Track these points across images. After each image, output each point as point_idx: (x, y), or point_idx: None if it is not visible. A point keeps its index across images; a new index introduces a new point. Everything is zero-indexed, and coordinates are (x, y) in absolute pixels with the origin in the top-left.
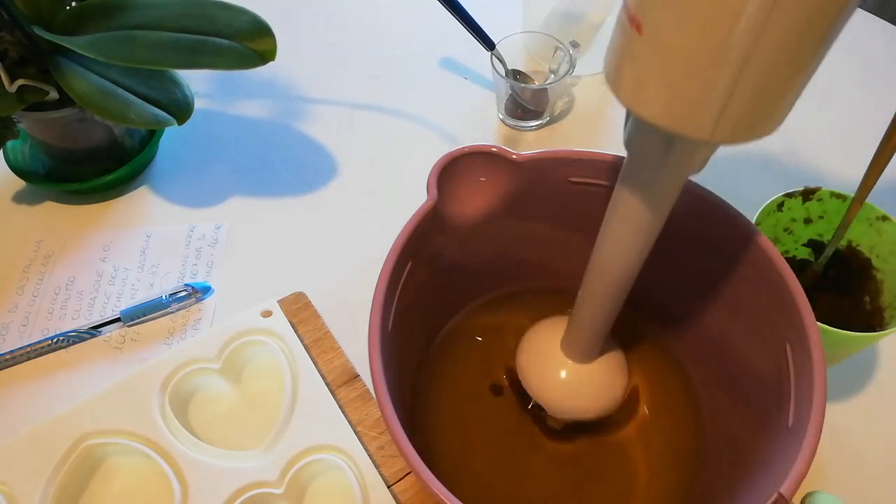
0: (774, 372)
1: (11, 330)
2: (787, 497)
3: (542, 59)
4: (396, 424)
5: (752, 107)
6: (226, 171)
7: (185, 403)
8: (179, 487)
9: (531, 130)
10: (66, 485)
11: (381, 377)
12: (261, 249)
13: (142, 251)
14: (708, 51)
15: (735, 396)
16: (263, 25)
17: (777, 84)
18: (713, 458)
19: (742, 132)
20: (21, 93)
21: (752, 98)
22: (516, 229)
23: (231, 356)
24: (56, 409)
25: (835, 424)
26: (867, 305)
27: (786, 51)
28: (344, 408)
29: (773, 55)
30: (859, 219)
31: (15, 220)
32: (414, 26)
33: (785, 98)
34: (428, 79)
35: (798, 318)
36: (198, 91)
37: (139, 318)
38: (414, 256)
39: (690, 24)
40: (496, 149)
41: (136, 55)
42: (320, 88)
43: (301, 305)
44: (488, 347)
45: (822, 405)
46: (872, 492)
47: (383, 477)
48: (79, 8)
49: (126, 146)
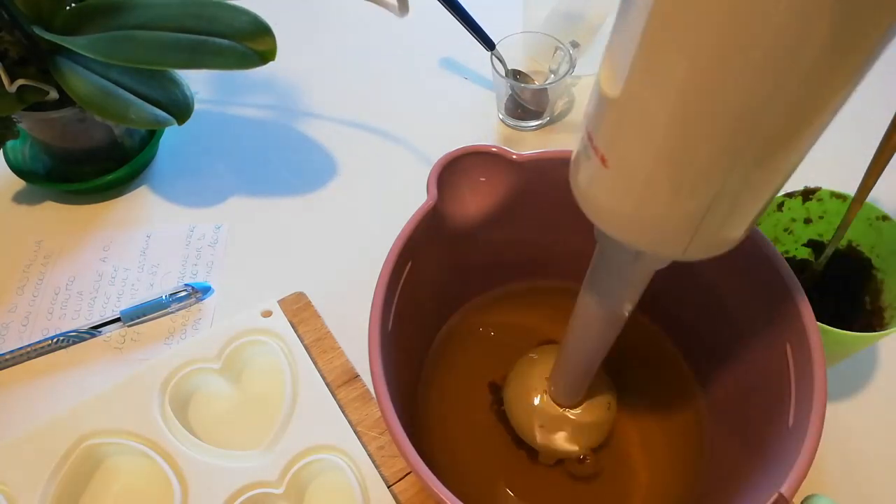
0: (774, 372)
1: (11, 330)
2: (787, 497)
3: (542, 59)
4: (396, 424)
5: (722, 229)
6: (226, 171)
7: (185, 403)
8: (179, 487)
9: (531, 130)
10: (66, 485)
11: (381, 377)
12: (261, 249)
13: (142, 251)
14: (676, 188)
15: (735, 396)
16: (263, 25)
17: (747, 208)
18: (713, 459)
19: (715, 248)
20: (21, 93)
21: (722, 223)
22: (516, 229)
23: (231, 356)
24: (56, 409)
25: (835, 424)
26: (867, 305)
27: (755, 185)
28: (344, 408)
29: (742, 189)
30: (859, 219)
31: (15, 220)
32: (414, 26)
33: (757, 213)
34: (428, 79)
35: (798, 318)
36: (198, 91)
37: (139, 318)
38: (414, 256)
39: (657, 163)
40: (496, 149)
41: (136, 55)
42: (320, 88)
43: (301, 305)
44: (488, 347)
45: (823, 405)
46: (873, 492)
47: (383, 477)
48: (79, 8)
49: (126, 146)
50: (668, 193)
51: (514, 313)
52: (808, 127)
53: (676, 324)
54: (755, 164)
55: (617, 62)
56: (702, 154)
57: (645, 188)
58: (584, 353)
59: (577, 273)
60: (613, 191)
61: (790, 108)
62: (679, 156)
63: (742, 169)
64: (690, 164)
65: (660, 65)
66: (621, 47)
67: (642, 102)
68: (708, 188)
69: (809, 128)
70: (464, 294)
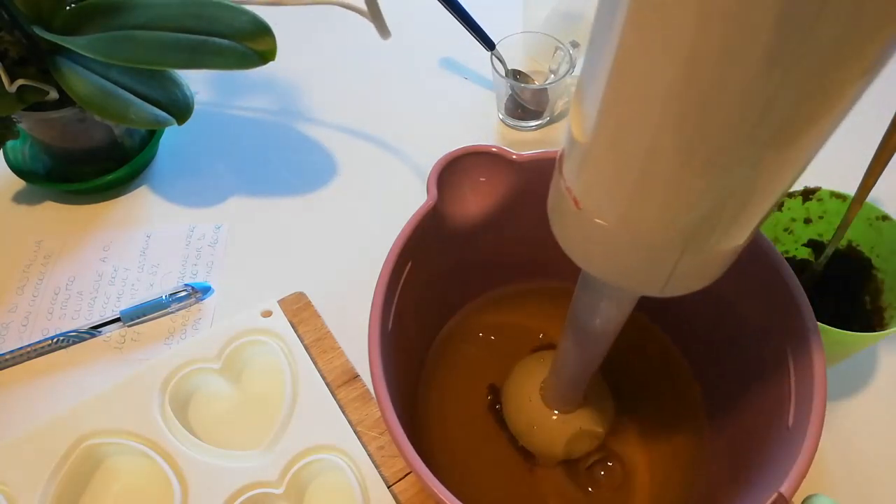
0: (774, 372)
1: (11, 330)
2: (787, 497)
3: (542, 59)
4: (396, 424)
5: (699, 271)
6: (226, 171)
7: (185, 403)
8: (179, 487)
9: (531, 130)
10: (66, 485)
11: (381, 377)
12: (261, 249)
13: (142, 251)
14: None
15: (735, 396)
16: (263, 25)
17: (721, 252)
18: (713, 459)
19: (693, 285)
20: (21, 93)
21: (697, 266)
22: (516, 229)
23: (231, 356)
24: (56, 409)
25: (835, 424)
26: (867, 305)
27: (728, 233)
28: (344, 408)
29: (714, 237)
30: (859, 219)
31: (15, 220)
32: (414, 26)
33: (732, 255)
34: (428, 79)
35: (798, 318)
36: (198, 91)
37: (139, 318)
38: (414, 256)
39: (629, 209)
40: (496, 149)
41: (136, 55)
42: (320, 88)
43: (301, 305)
44: (488, 347)
45: (822, 405)
46: (872, 491)
47: (383, 477)
48: (79, 8)
49: (126, 146)
50: (641, 238)
51: (514, 314)
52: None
53: (676, 324)
54: (730, 220)
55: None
56: (675, 203)
57: (617, 233)
58: (575, 365)
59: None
60: (587, 232)
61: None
62: (650, 203)
63: (715, 221)
64: (663, 211)
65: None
66: (588, 85)
67: (612, 143)
68: (681, 236)
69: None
70: (464, 294)
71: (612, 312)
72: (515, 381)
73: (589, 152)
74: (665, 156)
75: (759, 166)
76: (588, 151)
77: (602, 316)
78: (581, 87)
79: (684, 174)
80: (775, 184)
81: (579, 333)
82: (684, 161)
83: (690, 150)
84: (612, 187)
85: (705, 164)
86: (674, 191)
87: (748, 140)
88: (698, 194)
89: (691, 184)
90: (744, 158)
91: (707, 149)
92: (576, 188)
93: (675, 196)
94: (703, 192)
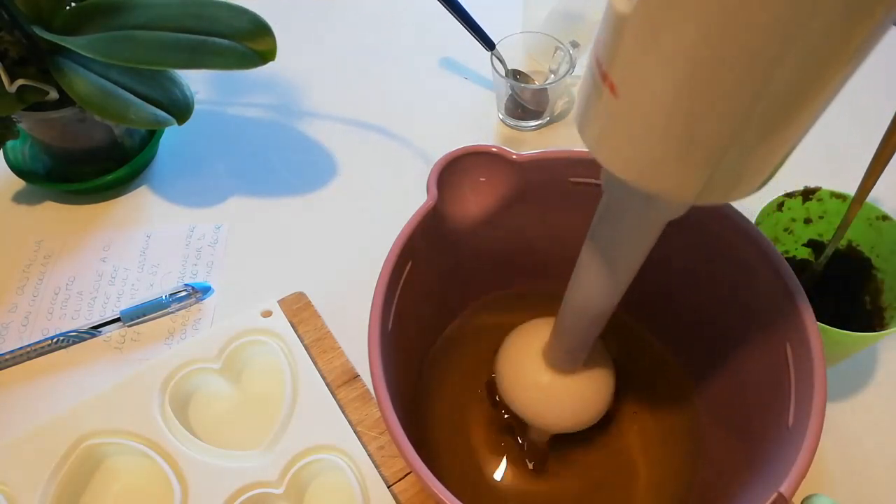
0: (774, 372)
1: (11, 330)
2: (787, 497)
3: (542, 59)
4: (396, 424)
5: (741, 172)
6: (226, 171)
7: (185, 403)
8: (179, 487)
9: (531, 130)
10: (66, 485)
11: (381, 377)
12: (261, 249)
13: (142, 251)
14: (696, 123)
15: (735, 396)
16: (263, 25)
17: (770, 150)
18: (713, 459)
19: (730, 194)
20: (21, 93)
21: (741, 165)
22: (516, 230)
23: (231, 356)
24: (56, 409)
25: (835, 424)
26: (867, 305)
27: (782, 120)
28: (344, 408)
29: (768, 125)
30: (859, 219)
31: (15, 220)
32: (414, 26)
33: (779, 159)
34: (428, 79)
35: (798, 318)
36: (198, 91)
37: (139, 318)
38: (414, 256)
39: (673, 89)
40: (496, 149)
41: (136, 55)
42: (320, 88)
43: (301, 305)
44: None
45: (822, 405)
46: (872, 491)
47: (383, 477)
48: (79, 8)
49: (126, 146)
50: (683, 124)
51: (514, 314)
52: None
53: (676, 324)
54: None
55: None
56: (724, 81)
57: (657, 123)
58: (586, 313)
59: None
60: (624, 124)
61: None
62: (698, 82)
63: (765, 104)
64: (710, 92)
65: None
66: None
67: (659, 15)
68: (728, 121)
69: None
70: (464, 294)
71: (634, 246)
72: (515, 336)
73: (631, 25)
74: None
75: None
76: (630, 24)
77: (621, 252)
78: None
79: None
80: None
81: (592, 275)
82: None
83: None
84: (657, 57)
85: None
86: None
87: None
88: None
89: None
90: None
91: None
92: (613, 71)
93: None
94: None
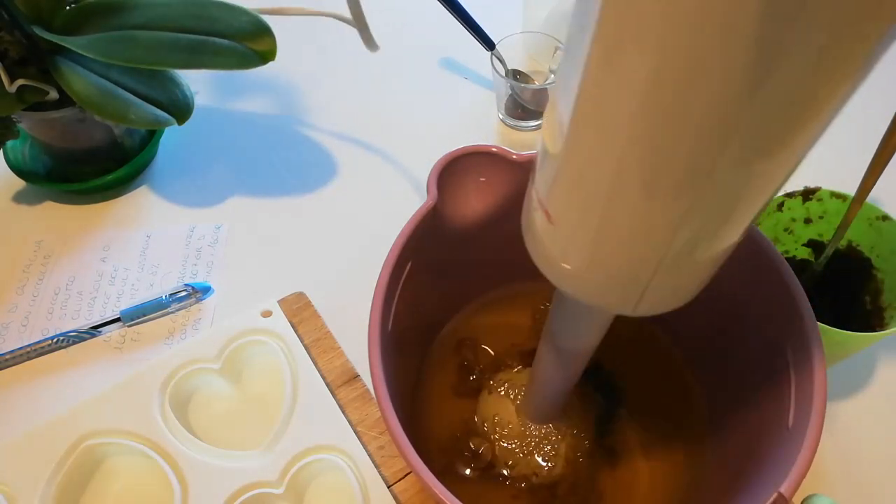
0: (774, 372)
1: (11, 330)
2: (787, 497)
3: (542, 59)
4: (396, 425)
5: (671, 291)
6: (226, 171)
7: (185, 403)
8: (179, 487)
9: (531, 130)
10: (66, 485)
11: (381, 377)
12: (261, 249)
13: (142, 251)
14: (623, 254)
15: (735, 397)
16: (263, 25)
17: (695, 271)
18: (713, 458)
19: (664, 306)
20: (21, 93)
21: (670, 287)
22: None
23: (231, 356)
24: (56, 409)
25: (835, 424)
26: (867, 305)
27: (702, 252)
28: (344, 408)
29: (687, 257)
30: (859, 219)
31: (15, 220)
32: (414, 26)
33: (707, 275)
34: (428, 79)
35: (798, 318)
36: (198, 91)
37: (139, 318)
38: (414, 256)
39: (601, 223)
40: (496, 149)
41: (136, 55)
42: (320, 88)
43: (301, 305)
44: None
45: (822, 405)
46: (873, 492)
47: (383, 477)
48: (79, 8)
49: (126, 146)
50: (612, 255)
51: (514, 313)
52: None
53: (676, 324)
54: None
55: (553, 111)
56: (647, 221)
57: (589, 248)
58: (551, 380)
59: None
60: (559, 248)
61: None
62: (622, 220)
63: (687, 234)
64: (635, 229)
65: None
66: (559, 98)
67: (583, 154)
68: (653, 253)
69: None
70: (464, 294)
71: (588, 329)
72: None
73: (559, 166)
74: (634, 172)
75: (725, 188)
76: (558, 165)
77: (577, 332)
78: (552, 100)
79: (654, 192)
80: (742, 207)
81: (555, 350)
82: (653, 179)
83: (659, 167)
84: (583, 203)
85: (676, 181)
86: (645, 210)
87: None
88: (669, 212)
89: (662, 201)
90: (712, 178)
91: (677, 165)
92: (548, 201)
93: (646, 215)
94: (675, 210)
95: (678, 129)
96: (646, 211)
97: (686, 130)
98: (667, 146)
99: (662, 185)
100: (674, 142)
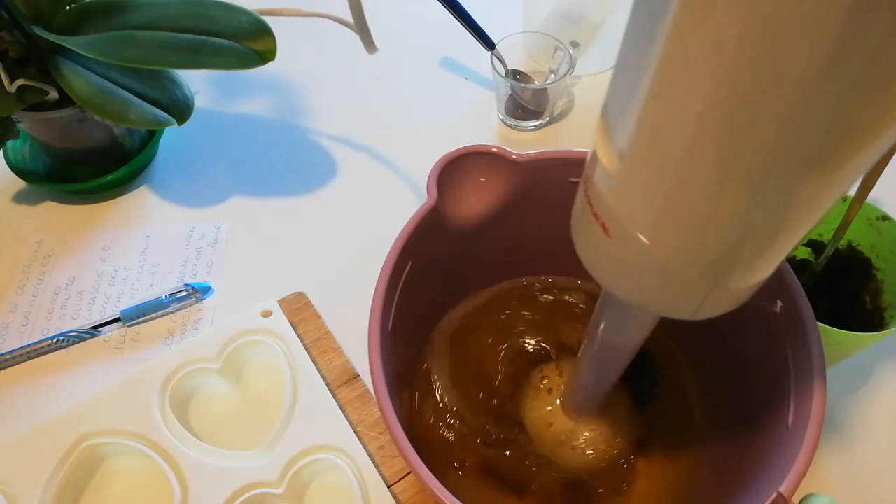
0: (774, 372)
1: (11, 330)
2: (786, 497)
3: (542, 59)
4: (396, 424)
5: (731, 294)
6: (226, 171)
7: (185, 403)
8: (179, 487)
9: (531, 130)
10: (66, 485)
11: (381, 377)
12: (261, 249)
13: (142, 251)
14: (681, 260)
15: (735, 396)
16: (263, 25)
17: (753, 275)
18: (713, 458)
19: (725, 308)
20: (21, 93)
21: (730, 290)
22: (516, 229)
23: (231, 356)
24: (56, 409)
25: (835, 424)
26: (867, 305)
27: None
28: (344, 408)
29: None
30: (859, 219)
31: (15, 220)
32: (414, 26)
33: (765, 275)
34: (428, 79)
35: (798, 318)
36: (198, 91)
37: (139, 318)
38: (414, 256)
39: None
40: (496, 149)
41: (136, 55)
42: (320, 88)
43: (301, 305)
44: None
45: (822, 405)
46: (872, 491)
47: (383, 477)
48: (79, 8)
49: (126, 146)
50: (672, 268)
51: (514, 313)
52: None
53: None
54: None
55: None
56: (710, 234)
57: (646, 262)
58: (593, 378)
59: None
60: (618, 259)
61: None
62: (684, 234)
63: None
64: (698, 243)
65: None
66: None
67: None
68: (713, 268)
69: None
70: (464, 294)
71: (635, 329)
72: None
73: (622, 182)
74: (701, 187)
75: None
76: (620, 181)
77: (624, 333)
78: (608, 117)
79: (720, 205)
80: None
81: (599, 349)
82: (719, 192)
83: (726, 177)
84: (646, 218)
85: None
86: (708, 222)
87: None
88: (732, 223)
89: (726, 213)
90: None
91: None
92: (605, 215)
93: (710, 228)
94: (737, 221)
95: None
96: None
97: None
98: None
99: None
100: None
